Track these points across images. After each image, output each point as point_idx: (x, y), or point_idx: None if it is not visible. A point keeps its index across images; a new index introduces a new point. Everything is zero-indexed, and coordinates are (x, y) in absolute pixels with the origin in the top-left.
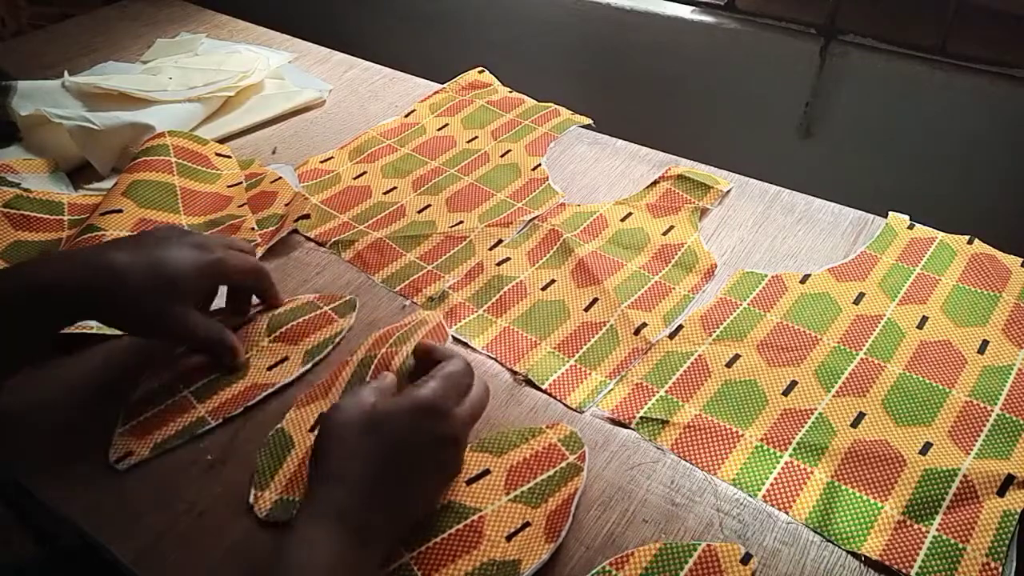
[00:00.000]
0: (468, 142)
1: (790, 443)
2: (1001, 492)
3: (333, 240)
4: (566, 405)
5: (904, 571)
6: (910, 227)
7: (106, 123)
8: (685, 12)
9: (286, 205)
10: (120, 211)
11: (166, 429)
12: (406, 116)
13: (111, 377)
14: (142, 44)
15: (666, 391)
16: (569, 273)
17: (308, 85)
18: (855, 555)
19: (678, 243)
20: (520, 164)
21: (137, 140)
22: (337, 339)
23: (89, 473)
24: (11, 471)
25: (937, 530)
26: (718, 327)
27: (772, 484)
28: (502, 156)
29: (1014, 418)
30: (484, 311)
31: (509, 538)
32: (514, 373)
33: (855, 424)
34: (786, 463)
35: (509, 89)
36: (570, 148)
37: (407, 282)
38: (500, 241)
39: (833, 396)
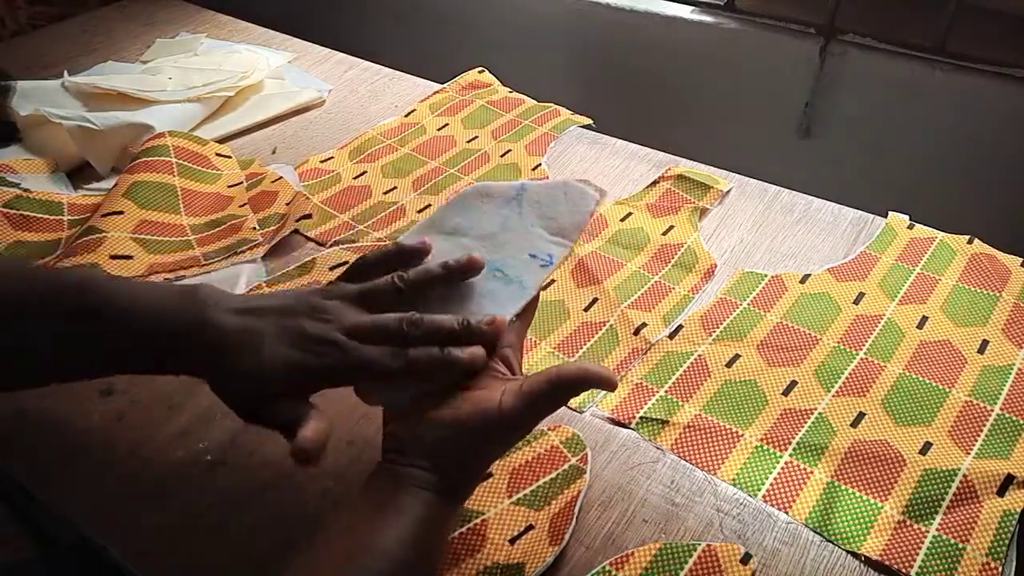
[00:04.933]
0: (468, 142)
1: (790, 443)
2: (1001, 492)
3: (333, 240)
4: (566, 405)
5: (904, 571)
6: (910, 227)
7: (106, 123)
8: (685, 12)
9: (287, 204)
10: (121, 213)
11: None
12: (406, 116)
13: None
14: (142, 44)
15: (666, 391)
16: (569, 273)
17: (308, 85)
18: (855, 555)
19: (678, 243)
20: (520, 164)
21: (137, 140)
22: None
23: (89, 473)
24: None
25: (937, 530)
26: (718, 327)
27: (772, 484)
28: (502, 156)
29: (1014, 418)
30: None
31: (512, 541)
32: None
33: (855, 424)
34: (786, 463)
35: (509, 89)
36: (570, 148)
37: None
38: None
39: (833, 396)
